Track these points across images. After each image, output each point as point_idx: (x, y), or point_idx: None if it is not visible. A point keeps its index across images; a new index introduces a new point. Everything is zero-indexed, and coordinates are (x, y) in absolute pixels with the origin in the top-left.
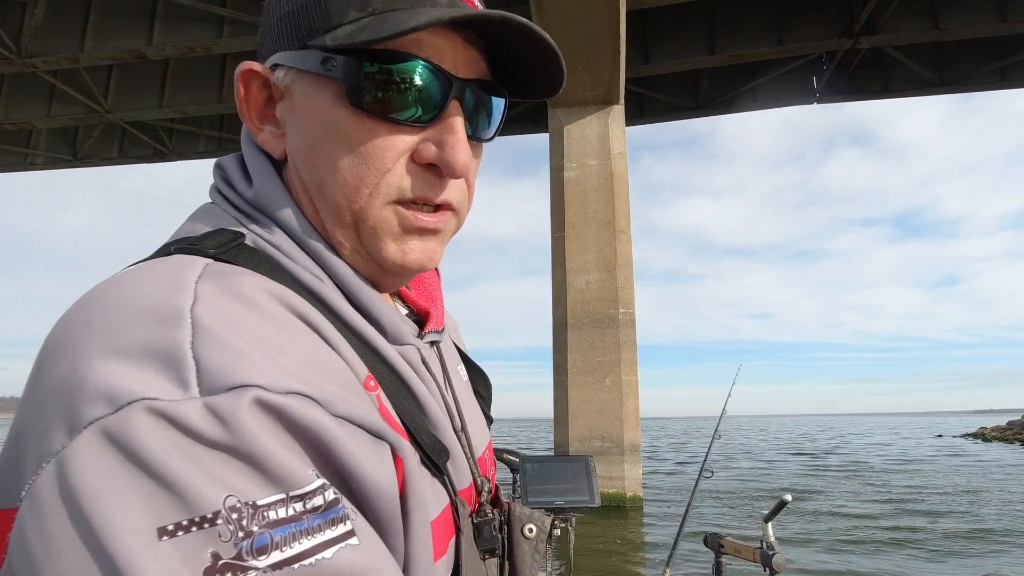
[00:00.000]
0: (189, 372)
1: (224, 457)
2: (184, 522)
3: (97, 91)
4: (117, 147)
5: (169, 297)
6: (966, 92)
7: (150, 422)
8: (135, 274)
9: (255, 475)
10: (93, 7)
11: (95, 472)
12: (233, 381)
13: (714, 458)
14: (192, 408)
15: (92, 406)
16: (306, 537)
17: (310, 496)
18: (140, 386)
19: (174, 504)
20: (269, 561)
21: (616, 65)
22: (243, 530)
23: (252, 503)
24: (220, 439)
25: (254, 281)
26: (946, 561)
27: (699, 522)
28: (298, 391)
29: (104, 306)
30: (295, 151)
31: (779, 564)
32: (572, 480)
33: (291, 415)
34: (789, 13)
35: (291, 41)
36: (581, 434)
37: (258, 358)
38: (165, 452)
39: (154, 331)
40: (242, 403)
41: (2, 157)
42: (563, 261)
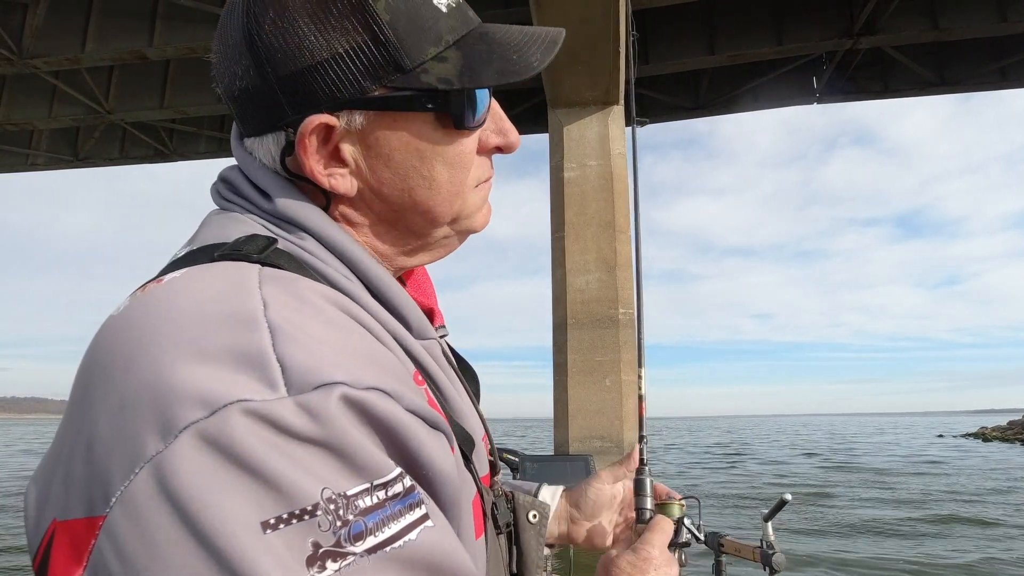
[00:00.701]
0: (276, 373)
1: (317, 451)
2: (285, 515)
3: (98, 92)
4: (118, 147)
5: (241, 302)
6: (966, 92)
7: (247, 422)
8: (195, 280)
9: (345, 467)
10: (94, 8)
11: (197, 473)
12: (319, 379)
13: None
14: (285, 407)
15: (186, 410)
16: (393, 522)
17: (392, 484)
18: (233, 389)
19: (276, 499)
20: (365, 546)
21: (615, 66)
22: (340, 519)
23: (344, 494)
24: (313, 434)
25: (308, 284)
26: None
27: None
28: (376, 387)
29: (175, 313)
30: (378, 184)
31: (779, 563)
32: (572, 479)
33: (373, 409)
34: (789, 13)
35: (354, 83)
36: (581, 434)
37: (335, 357)
38: (264, 450)
39: (235, 335)
40: (331, 400)
41: (3, 158)
42: (563, 261)
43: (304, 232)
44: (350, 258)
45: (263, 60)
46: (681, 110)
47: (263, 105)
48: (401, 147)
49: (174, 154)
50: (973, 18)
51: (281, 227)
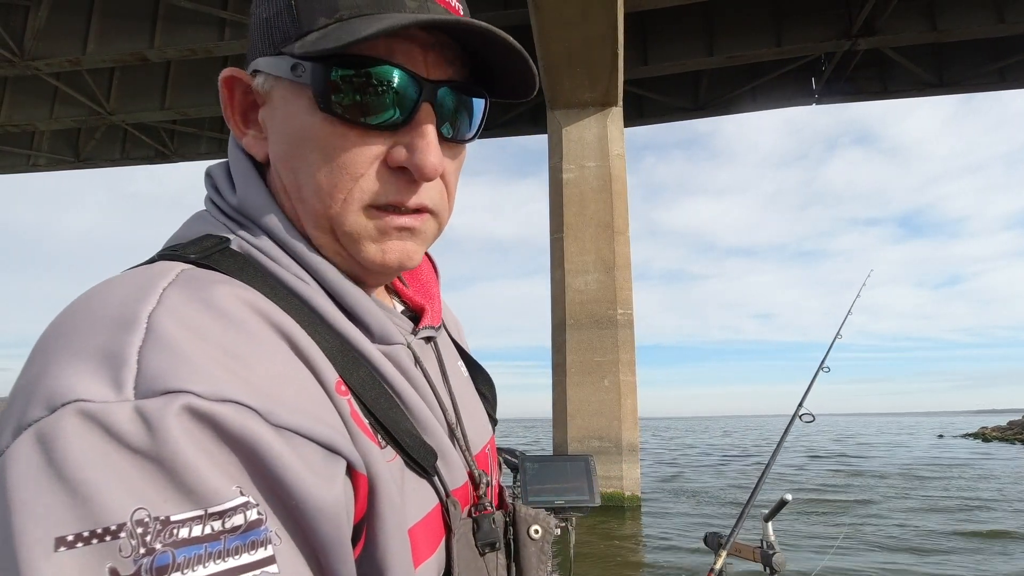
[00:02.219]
0: (128, 375)
1: (143, 465)
2: (85, 533)
3: (99, 93)
4: (119, 148)
5: (133, 303)
6: (965, 93)
7: (77, 424)
8: (113, 281)
9: (172, 487)
10: (95, 10)
11: (20, 475)
12: (168, 386)
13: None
14: (121, 411)
15: (34, 408)
16: (216, 560)
17: (229, 514)
18: (75, 388)
19: (81, 514)
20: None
21: (614, 67)
22: (145, 546)
23: (164, 518)
24: (142, 445)
25: (226, 288)
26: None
27: (700, 523)
28: (236, 400)
29: (77, 313)
30: (276, 155)
31: (779, 563)
32: (572, 479)
33: (224, 424)
34: (787, 15)
35: (268, 47)
36: (580, 434)
37: (204, 364)
38: (84, 458)
39: (108, 335)
40: (171, 408)
41: (5, 159)
42: (562, 262)
43: (261, 231)
44: (304, 261)
45: (251, 16)
46: (680, 111)
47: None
48: (287, 120)
49: (175, 155)
50: (972, 19)
51: (243, 225)
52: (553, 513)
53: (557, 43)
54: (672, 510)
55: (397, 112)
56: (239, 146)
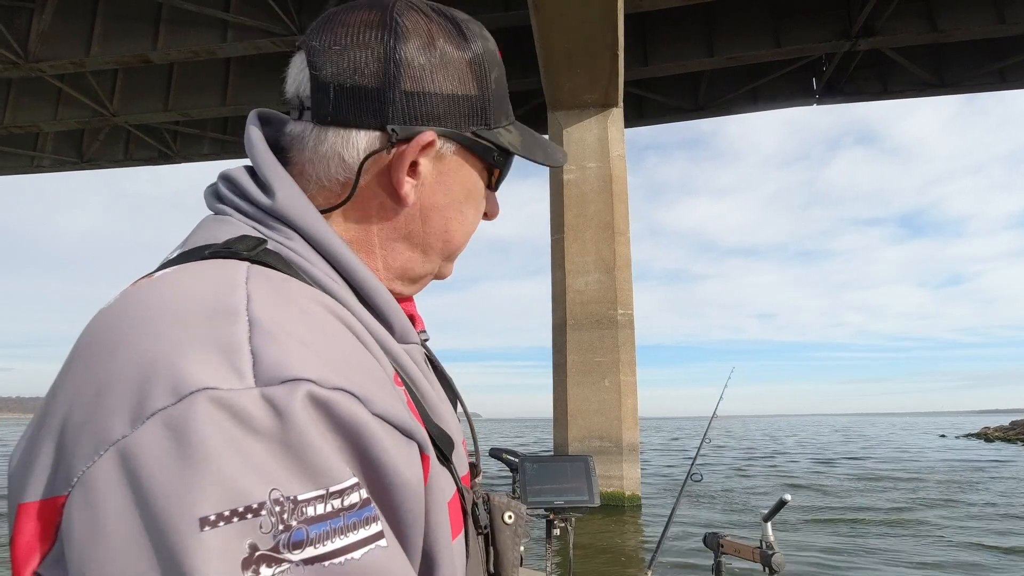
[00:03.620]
0: (247, 364)
1: (273, 448)
2: (228, 512)
3: (103, 95)
4: (122, 150)
5: (225, 295)
6: (965, 93)
7: (210, 411)
8: (184, 275)
9: (299, 469)
10: (99, 12)
11: (155, 461)
12: (287, 374)
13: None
14: (249, 397)
15: (156, 397)
16: (339, 536)
17: (347, 493)
18: (201, 376)
19: (223, 495)
20: (303, 556)
21: (615, 68)
22: (283, 523)
23: (294, 498)
24: (272, 430)
25: (297, 285)
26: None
27: (702, 523)
28: (345, 388)
29: (160, 305)
30: (430, 202)
31: (778, 563)
32: (572, 480)
33: (337, 411)
34: (787, 15)
35: (454, 121)
36: (580, 434)
37: (309, 354)
38: (220, 443)
39: (213, 326)
40: (296, 396)
41: (10, 159)
42: (562, 263)
43: (294, 232)
44: (339, 260)
45: (396, 69)
46: (680, 111)
47: (373, 105)
48: (459, 182)
49: (178, 156)
50: (971, 20)
51: (271, 227)
52: (553, 513)
53: (557, 44)
54: (678, 508)
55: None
56: (272, 158)
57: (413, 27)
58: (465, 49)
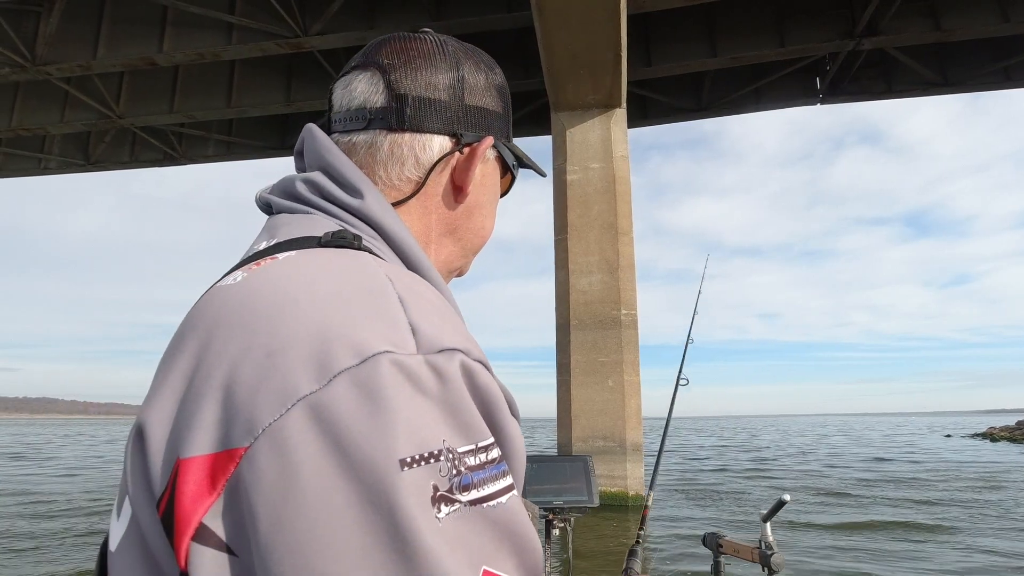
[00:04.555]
0: (408, 335)
1: (438, 407)
2: (417, 456)
3: (109, 97)
4: (128, 152)
5: (372, 275)
6: (969, 92)
7: (391, 371)
8: (317, 257)
9: (457, 426)
10: (105, 15)
11: (349, 412)
12: (444, 344)
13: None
14: (418, 362)
15: (342, 358)
16: (490, 483)
17: (488, 449)
18: (380, 342)
19: (410, 441)
20: (469, 497)
21: (618, 69)
22: (456, 468)
23: (456, 449)
24: (437, 391)
25: (407, 271)
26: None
27: (705, 522)
28: (480, 360)
29: (320, 280)
30: (477, 199)
31: (777, 564)
32: (571, 480)
33: (478, 379)
34: (790, 15)
35: (495, 132)
36: (584, 434)
37: (452, 329)
38: (403, 397)
39: (375, 300)
40: (454, 363)
41: (17, 161)
42: (566, 263)
43: (376, 233)
44: (414, 261)
45: (461, 87)
46: (683, 112)
47: (445, 114)
48: (494, 185)
49: (183, 158)
50: (975, 19)
51: (356, 228)
52: (552, 514)
53: (560, 45)
54: (678, 509)
55: None
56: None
57: (464, 55)
58: (495, 76)
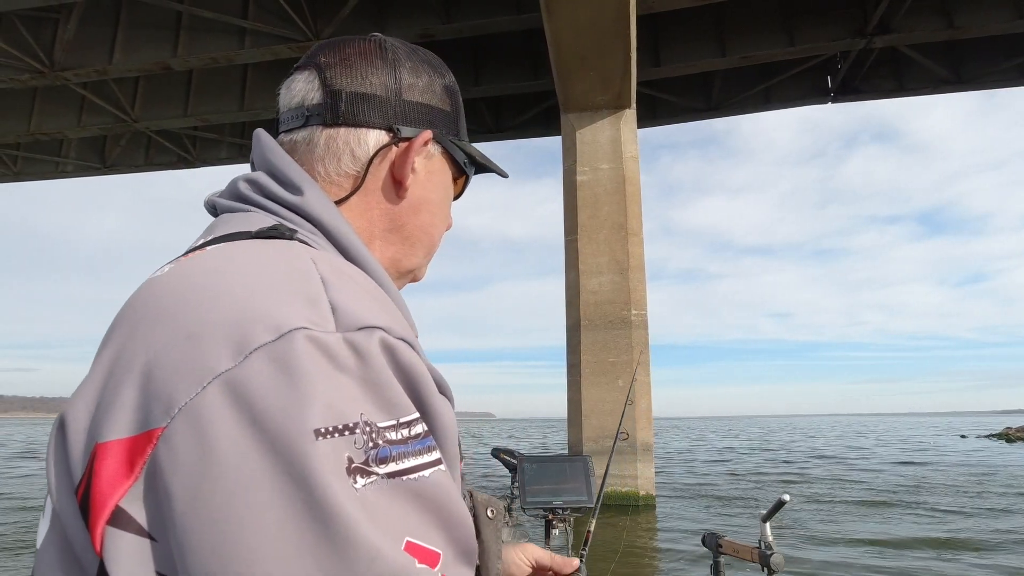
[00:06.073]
0: (328, 312)
1: (357, 382)
2: (331, 428)
3: (125, 101)
4: (143, 155)
5: (295, 258)
6: (983, 89)
7: (307, 347)
8: (248, 245)
9: (378, 401)
10: (121, 21)
11: (264, 386)
12: (363, 322)
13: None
14: (336, 339)
15: (258, 334)
16: (412, 457)
17: (413, 424)
18: (296, 319)
19: (325, 413)
20: (387, 470)
21: (627, 70)
22: (372, 441)
23: (375, 423)
24: (355, 368)
25: (340, 258)
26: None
27: (715, 523)
28: (405, 338)
29: (243, 265)
30: (422, 195)
31: (777, 564)
32: (570, 480)
33: (402, 357)
34: (800, 14)
35: (438, 128)
36: (594, 434)
37: (376, 308)
38: (318, 371)
39: (296, 281)
40: (373, 340)
41: (35, 165)
42: (576, 263)
43: (317, 229)
44: (356, 255)
45: (397, 83)
46: (693, 112)
47: (380, 108)
48: (442, 182)
49: (197, 160)
50: (988, 16)
51: (294, 222)
52: (552, 514)
53: (569, 47)
54: (686, 509)
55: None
56: (291, 160)
57: (405, 55)
58: (442, 76)
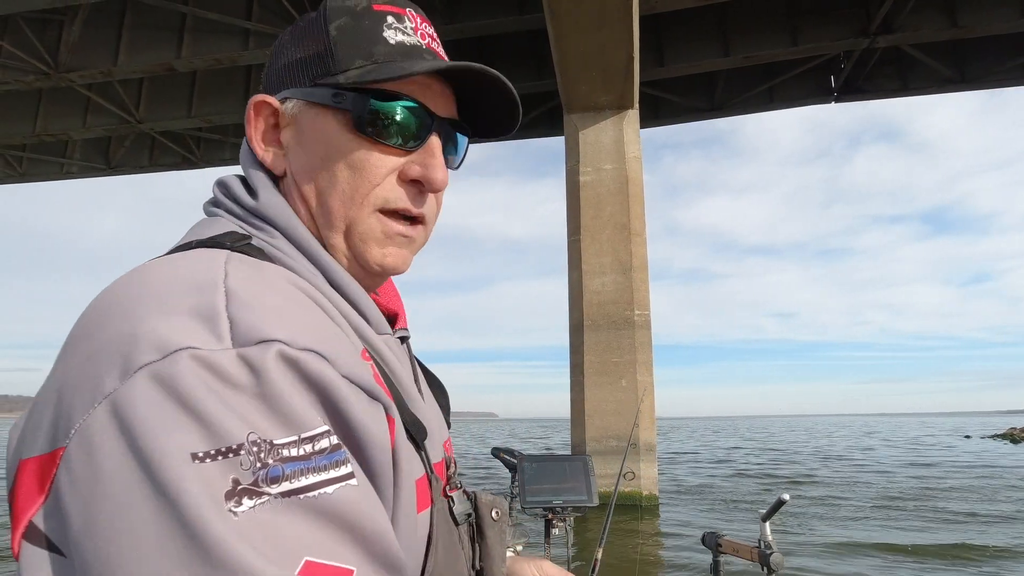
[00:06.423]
0: (225, 328)
1: (251, 400)
2: (213, 451)
3: (129, 102)
4: (148, 156)
5: (205, 271)
6: (987, 89)
7: (192, 366)
8: (171, 259)
9: (274, 417)
10: (126, 23)
11: (145, 407)
12: (261, 336)
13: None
14: (227, 356)
15: (143, 354)
16: (313, 473)
17: (318, 439)
18: (184, 338)
19: (207, 436)
20: (280, 489)
21: (630, 70)
22: (261, 462)
23: (270, 441)
24: (248, 384)
25: (272, 267)
26: None
27: (718, 523)
28: (313, 349)
29: (149, 280)
30: (298, 168)
31: (777, 563)
32: (570, 480)
33: (307, 368)
34: (804, 14)
35: (302, 80)
36: (597, 434)
37: (280, 319)
38: (202, 392)
39: (195, 296)
40: (268, 354)
41: (40, 166)
42: (579, 264)
43: (277, 232)
44: (312, 256)
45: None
46: (696, 112)
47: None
48: (316, 138)
49: (200, 161)
50: (993, 15)
51: (258, 227)
52: (551, 513)
53: (573, 47)
54: (690, 509)
55: (414, 138)
56: (254, 160)
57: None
58: (316, 18)
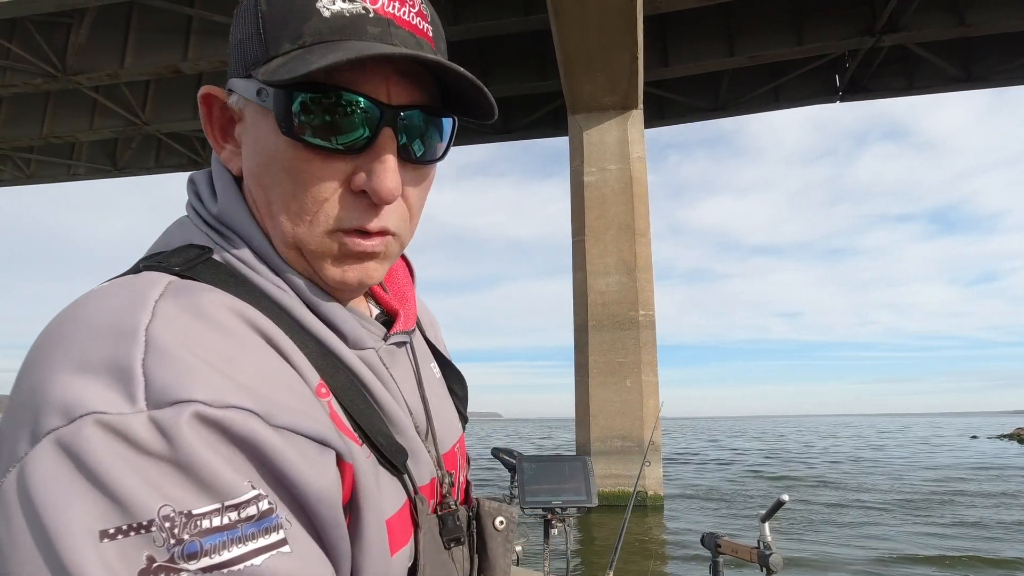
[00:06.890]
0: (138, 387)
1: (164, 468)
2: (123, 527)
3: (136, 104)
4: (154, 157)
5: (129, 315)
6: (993, 87)
7: (99, 434)
8: (104, 292)
9: (192, 485)
10: (133, 26)
11: (49, 477)
12: (177, 396)
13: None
14: (137, 421)
15: (50, 417)
16: (237, 545)
17: (244, 506)
18: (92, 400)
19: (115, 510)
20: (199, 566)
21: (634, 71)
22: (174, 537)
23: (187, 512)
24: (161, 451)
25: (214, 297)
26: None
27: (722, 523)
28: (238, 405)
29: (73, 323)
30: (248, 171)
31: (776, 564)
32: (570, 480)
33: (230, 428)
34: (809, 13)
35: (241, 68)
36: (602, 434)
37: (204, 373)
38: (110, 462)
39: (111, 347)
40: (183, 417)
41: (48, 168)
42: (583, 264)
43: (241, 242)
44: (279, 271)
45: (234, 50)
46: (701, 111)
47: None
48: (256, 140)
49: (206, 162)
50: (999, 13)
51: (223, 235)
52: (550, 513)
53: (576, 48)
54: (694, 510)
55: (357, 137)
56: (218, 159)
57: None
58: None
